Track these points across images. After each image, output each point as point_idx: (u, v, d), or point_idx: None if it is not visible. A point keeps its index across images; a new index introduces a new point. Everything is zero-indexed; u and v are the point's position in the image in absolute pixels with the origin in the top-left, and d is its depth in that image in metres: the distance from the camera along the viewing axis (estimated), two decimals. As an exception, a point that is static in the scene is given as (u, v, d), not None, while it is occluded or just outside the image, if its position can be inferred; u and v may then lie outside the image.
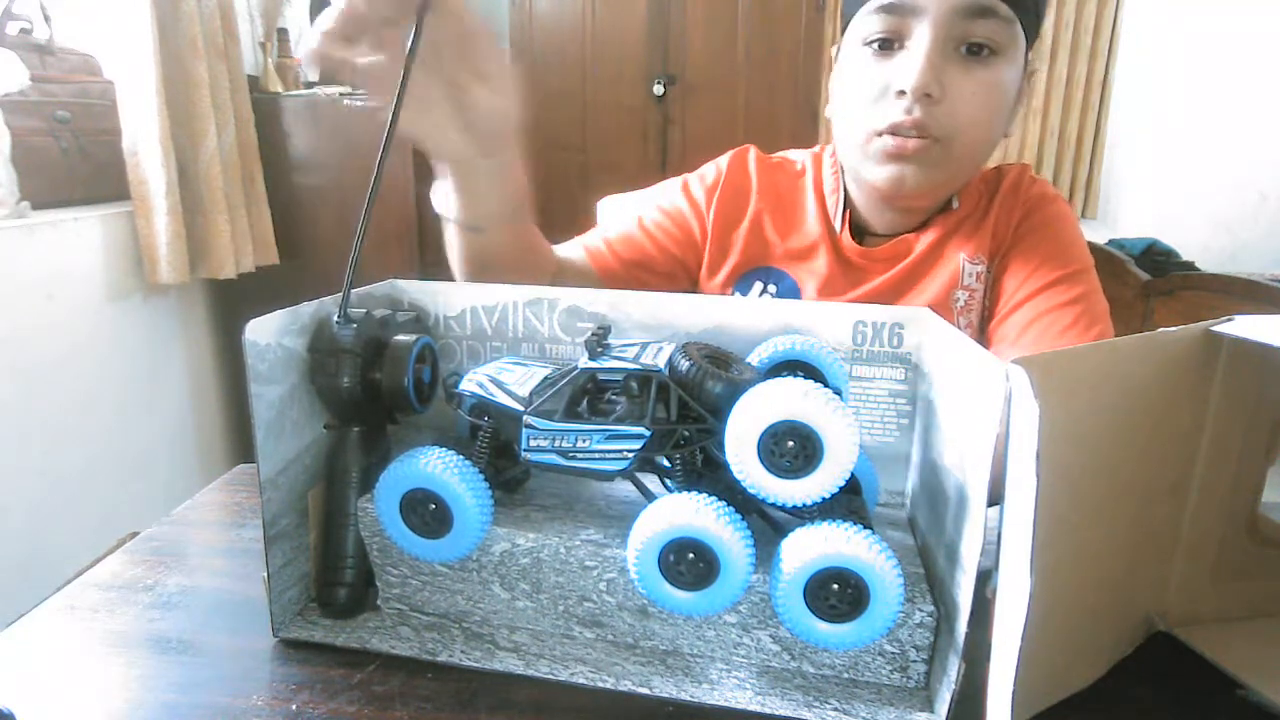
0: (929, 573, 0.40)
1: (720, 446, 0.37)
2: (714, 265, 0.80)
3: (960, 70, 0.63)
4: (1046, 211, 0.74)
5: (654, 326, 0.49)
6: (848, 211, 0.76)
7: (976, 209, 0.75)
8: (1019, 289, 0.71)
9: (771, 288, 0.78)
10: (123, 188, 1.43)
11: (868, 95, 0.65)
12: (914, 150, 0.65)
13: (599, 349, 0.41)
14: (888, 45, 0.64)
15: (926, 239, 0.74)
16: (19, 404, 1.22)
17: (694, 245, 0.80)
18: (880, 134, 0.65)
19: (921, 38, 0.62)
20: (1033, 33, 0.66)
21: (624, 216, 0.83)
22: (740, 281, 0.79)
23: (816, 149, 0.83)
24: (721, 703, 0.38)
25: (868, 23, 0.65)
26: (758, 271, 0.78)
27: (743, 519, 0.36)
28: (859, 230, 0.77)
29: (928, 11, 0.61)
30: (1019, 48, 0.64)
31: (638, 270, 0.78)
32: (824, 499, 0.36)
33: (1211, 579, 0.43)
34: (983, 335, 0.74)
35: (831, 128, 0.74)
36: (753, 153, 0.82)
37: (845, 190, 0.76)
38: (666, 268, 0.80)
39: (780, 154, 0.84)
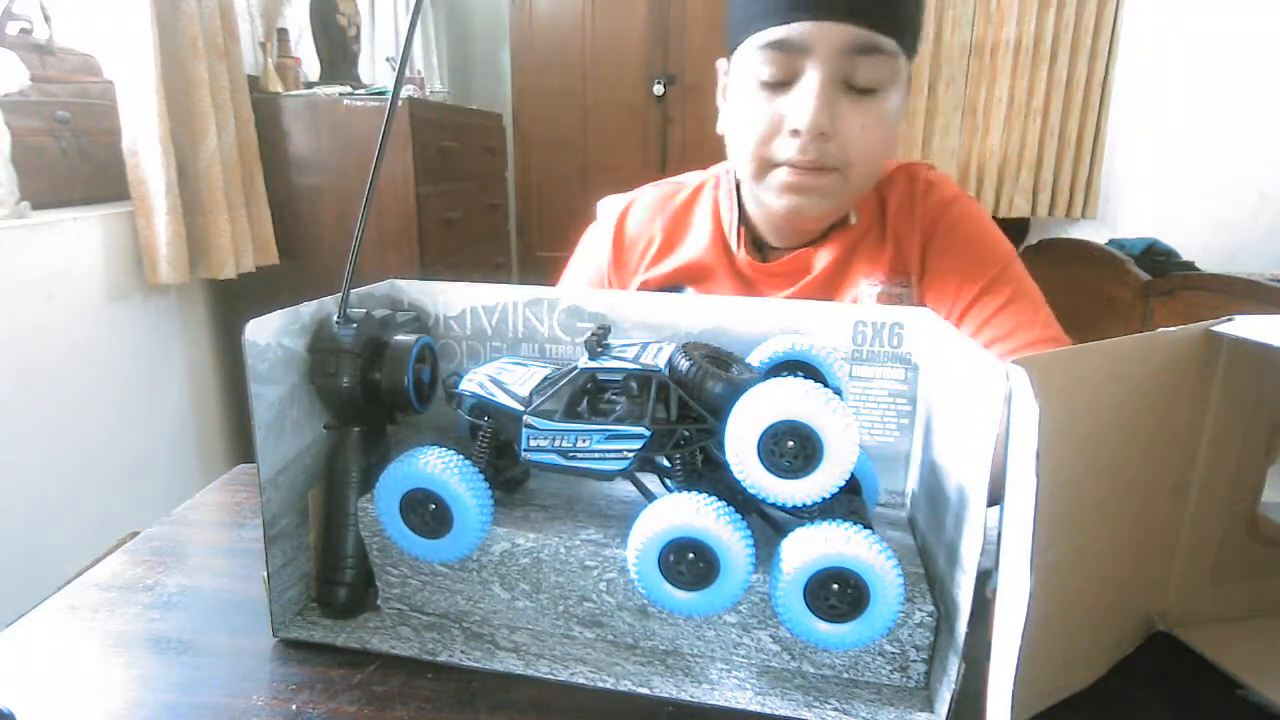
0: (929, 573, 0.40)
1: (720, 446, 0.37)
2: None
3: (849, 104, 0.63)
4: (950, 218, 0.74)
5: (654, 326, 0.49)
6: (743, 229, 0.77)
7: (874, 224, 0.75)
8: (951, 308, 0.71)
9: None
10: (123, 188, 1.42)
11: (762, 130, 0.66)
12: (811, 184, 0.66)
13: (599, 349, 0.41)
14: (778, 83, 0.64)
15: (826, 256, 0.74)
16: (19, 404, 1.22)
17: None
18: (777, 166, 0.67)
19: (811, 76, 0.62)
20: (912, 52, 0.67)
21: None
22: None
23: (716, 169, 0.83)
24: (721, 703, 0.38)
25: (757, 58, 0.64)
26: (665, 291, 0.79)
27: (743, 519, 0.36)
28: (758, 243, 0.78)
29: (815, 51, 0.61)
30: (902, 75, 0.65)
31: None
32: (824, 499, 0.36)
33: (1211, 579, 0.43)
34: None
35: (725, 146, 0.74)
36: (626, 202, 0.83)
37: (741, 208, 0.77)
38: None
39: (669, 180, 0.85)
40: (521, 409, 0.41)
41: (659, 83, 2.62)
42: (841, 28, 0.61)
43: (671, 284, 0.80)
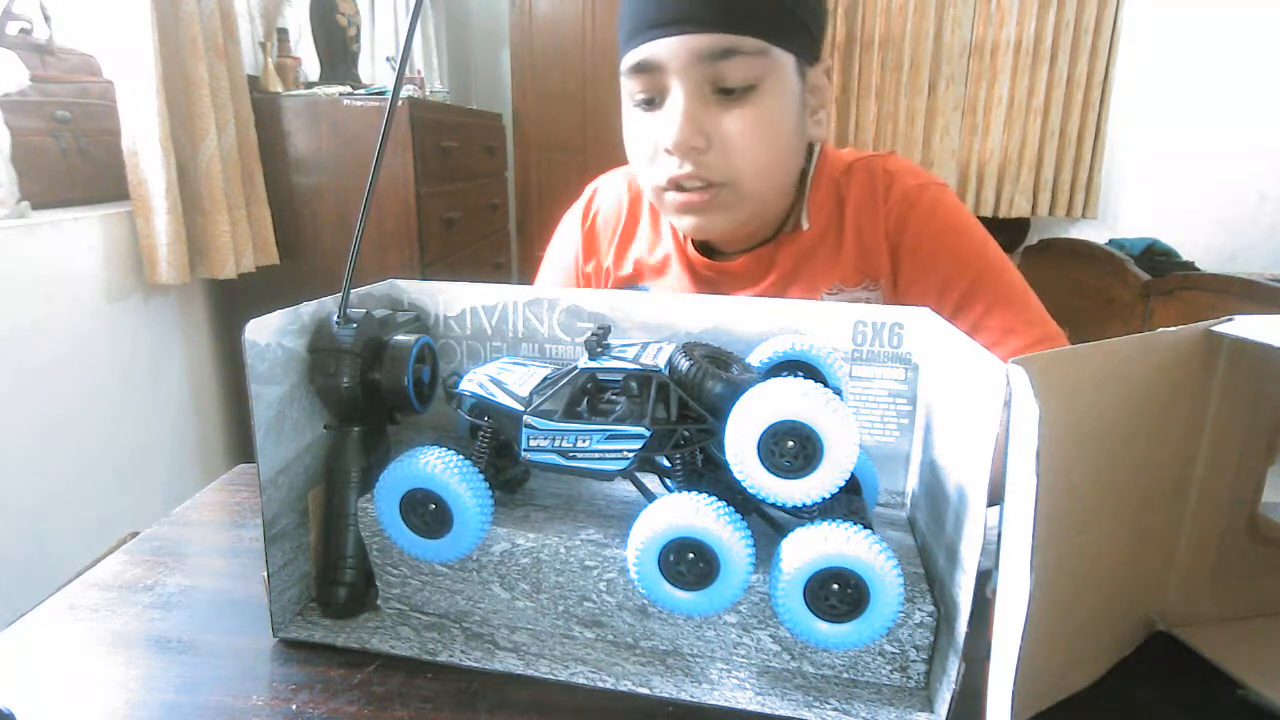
0: (929, 573, 0.40)
1: (720, 446, 0.37)
2: (600, 284, 0.82)
3: (721, 113, 0.61)
4: (919, 214, 0.70)
5: (654, 326, 0.49)
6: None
7: (831, 226, 0.72)
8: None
9: None
10: (123, 188, 1.42)
11: (645, 154, 0.65)
12: (701, 201, 0.63)
13: (599, 349, 0.41)
14: (651, 102, 0.63)
15: (779, 265, 0.72)
16: (19, 404, 1.22)
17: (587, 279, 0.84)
18: (665, 189, 0.64)
19: (675, 92, 0.60)
20: (804, 44, 0.63)
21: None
22: None
23: None
24: (721, 703, 0.38)
25: (628, 82, 0.64)
26: (628, 289, 0.79)
27: (743, 519, 0.36)
28: (713, 244, 0.75)
29: (672, 67, 0.60)
30: (782, 70, 0.62)
31: None
32: (824, 499, 0.36)
33: (1211, 579, 0.43)
34: None
35: None
36: (611, 179, 0.84)
37: None
38: None
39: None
40: (521, 409, 0.41)
41: (659, 83, 2.62)
42: (693, 39, 0.58)
43: (632, 282, 0.79)
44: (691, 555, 0.36)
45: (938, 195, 0.71)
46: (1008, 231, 3.18)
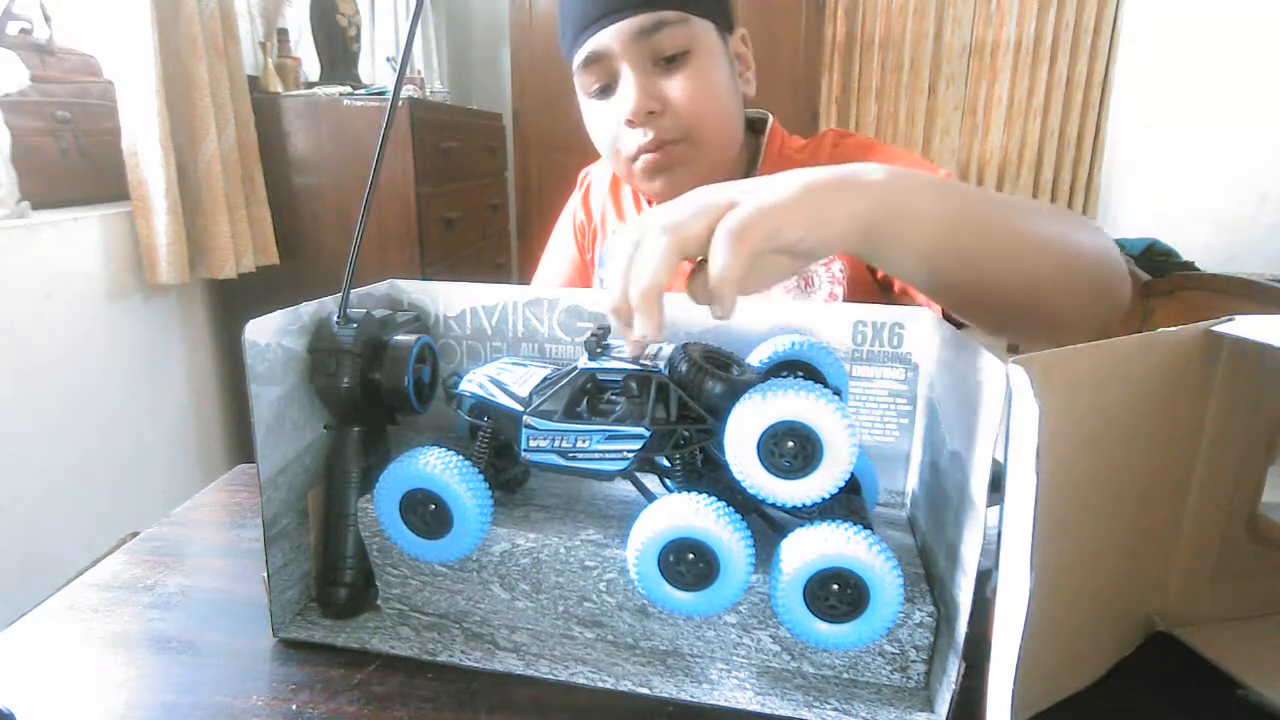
0: (929, 573, 0.40)
1: (720, 447, 0.37)
2: (590, 242, 0.92)
3: (666, 77, 0.70)
4: (860, 154, 0.76)
5: (654, 326, 0.49)
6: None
7: None
8: None
9: None
10: (123, 188, 1.42)
11: (609, 133, 0.73)
12: (664, 159, 0.72)
13: (598, 349, 0.41)
14: (605, 89, 0.72)
15: None
16: (19, 404, 1.22)
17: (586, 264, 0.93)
18: (634, 159, 0.73)
19: (625, 72, 0.69)
20: (718, 14, 0.72)
21: (547, 277, 0.96)
22: (602, 248, 0.90)
23: None
24: (721, 703, 0.38)
25: (581, 78, 0.73)
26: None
27: (743, 519, 0.36)
28: None
29: (615, 50, 0.69)
30: (707, 36, 0.71)
31: None
32: (824, 499, 0.36)
33: (1211, 579, 0.43)
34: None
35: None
36: (600, 164, 0.93)
37: None
38: None
39: None
40: (521, 409, 0.41)
41: (659, 83, 2.62)
42: (628, 21, 0.67)
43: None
44: (691, 555, 0.36)
45: (883, 148, 0.78)
46: (1008, 231, 3.18)
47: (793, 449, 0.35)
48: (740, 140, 0.78)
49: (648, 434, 0.39)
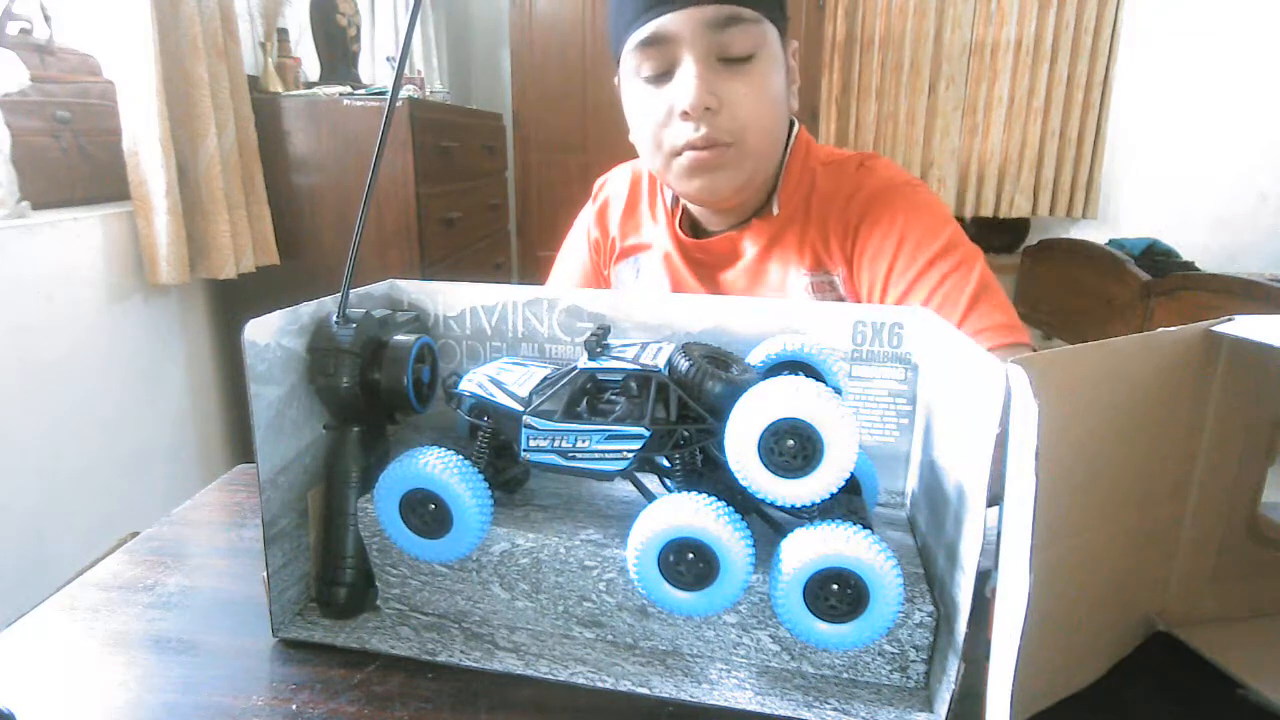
0: (929, 573, 0.40)
1: (720, 446, 0.37)
2: (607, 259, 0.91)
3: (729, 77, 0.67)
4: (885, 195, 0.73)
5: (654, 326, 0.49)
6: (678, 208, 0.82)
7: (798, 212, 0.77)
8: (890, 274, 0.70)
9: (637, 268, 0.87)
10: (123, 188, 1.42)
11: (657, 122, 0.70)
12: (712, 159, 0.69)
13: (598, 349, 0.41)
14: (660, 75, 0.68)
15: (754, 246, 0.78)
16: (19, 404, 1.22)
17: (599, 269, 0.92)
18: (678, 153, 0.70)
19: (687, 60, 0.66)
20: (781, 21, 0.70)
21: (561, 279, 0.94)
22: (618, 264, 0.89)
23: None
24: (721, 703, 0.38)
25: (635, 58, 0.69)
26: (629, 259, 0.88)
27: (742, 519, 0.36)
28: (695, 225, 0.83)
29: (683, 36, 0.66)
30: (773, 42, 0.69)
31: None
32: (824, 499, 0.36)
33: (1211, 579, 0.43)
34: None
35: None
36: (617, 171, 0.93)
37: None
38: None
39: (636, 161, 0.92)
40: (521, 409, 0.41)
41: (659, 83, 2.62)
42: (700, 9, 0.65)
43: (631, 253, 0.87)
44: (691, 555, 0.36)
45: (910, 188, 0.75)
46: (1008, 232, 3.18)
47: (793, 448, 0.35)
48: (780, 155, 0.76)
49: (648, 434, 0.39)
